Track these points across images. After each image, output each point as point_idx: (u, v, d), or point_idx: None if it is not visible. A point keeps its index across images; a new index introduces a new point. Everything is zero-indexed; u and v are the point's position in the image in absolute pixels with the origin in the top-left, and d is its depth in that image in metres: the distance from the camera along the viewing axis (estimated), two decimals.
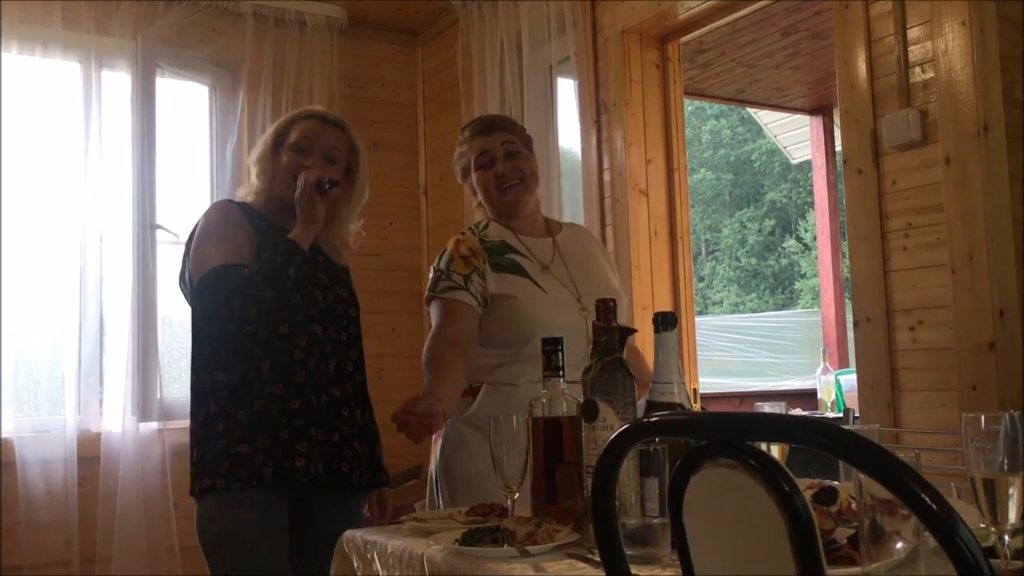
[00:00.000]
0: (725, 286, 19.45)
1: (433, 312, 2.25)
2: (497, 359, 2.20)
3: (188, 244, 2.16)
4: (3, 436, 3.70)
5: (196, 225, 2.17)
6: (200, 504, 2.07)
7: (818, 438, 0.73)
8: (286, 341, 2.07)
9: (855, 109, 2.78)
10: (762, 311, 17.14)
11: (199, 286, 2.04)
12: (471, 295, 2.19)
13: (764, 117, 6.88)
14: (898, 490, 0.69)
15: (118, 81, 4.11)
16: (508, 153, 2.29)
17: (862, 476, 0.93)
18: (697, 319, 3.99)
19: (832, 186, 5.85)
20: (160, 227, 4.03)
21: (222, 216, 2.16)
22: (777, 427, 0.86)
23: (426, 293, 2.27)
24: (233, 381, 2.05)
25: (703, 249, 19.80)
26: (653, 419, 0.98)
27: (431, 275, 2.28)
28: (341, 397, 2.15)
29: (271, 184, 2.19)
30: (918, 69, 2.62)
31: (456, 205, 4.38)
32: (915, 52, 2.63)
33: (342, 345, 2.19)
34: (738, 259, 19.77)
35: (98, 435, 3.86)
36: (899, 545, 0.94)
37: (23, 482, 3.70)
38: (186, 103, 4.41)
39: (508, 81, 3.96)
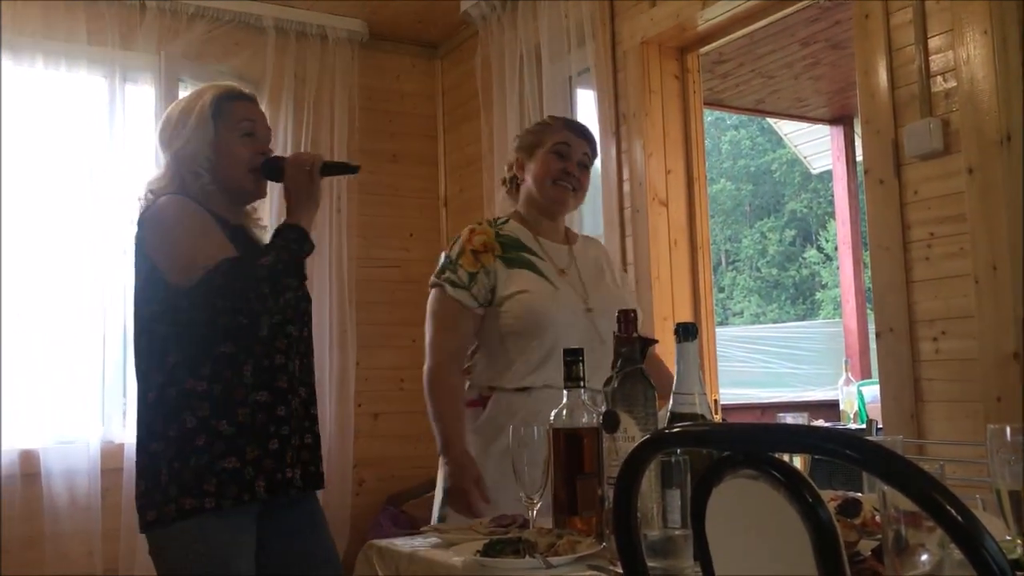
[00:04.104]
0: (745, 296, 19.35)
1: (432, 301, 2.22)
2: (506, 361, 2.15)
3: (141, 247, 1.97)
4: (28, 447, 3.74)
5: (148, 225, 1.96)
6: (172, 531, 1.87)
7: (842, 450, 0.72)
8: (265, 344, 1.95)
9: (876, 119, 2.76)
10: (783, 321, 17.00)
11: (209, 279, 1.83)
12: (472, 296, 2.16)
13: (784, 127, 6.87)
14: (923, 502, 0.68)
15: (142, 95, 4.17)
16: (581, 163, 2.31)
17: (886, 488, 0.92)
18: (718, 330, 3.98)
19: (853, 196, 5.83)
20: None
21: (189, 211, 1.95)
22: (800, 439, 0.85)
23: (432, 277, 2.24)
24: (213, 390, 1.89)
25: (723, 259, 19.73)
26: (675, 430, 0.98)
27: (441, 259, 2.25)
28: (308, 397, 2.08)
29: (225, 174, 2.04)
30: (939, 78, 2.61)
31: (476, 216, 4.39)
32: (936, 61, 2.62)
33: (305, 343, 2.11)
34: (759, 269, 19.67)
35: (121, 446, 3.88)
36: (924, 557, 0.93)
37: (47, 493, 3.73)
38: None
39: (528, 93, 3.97)
